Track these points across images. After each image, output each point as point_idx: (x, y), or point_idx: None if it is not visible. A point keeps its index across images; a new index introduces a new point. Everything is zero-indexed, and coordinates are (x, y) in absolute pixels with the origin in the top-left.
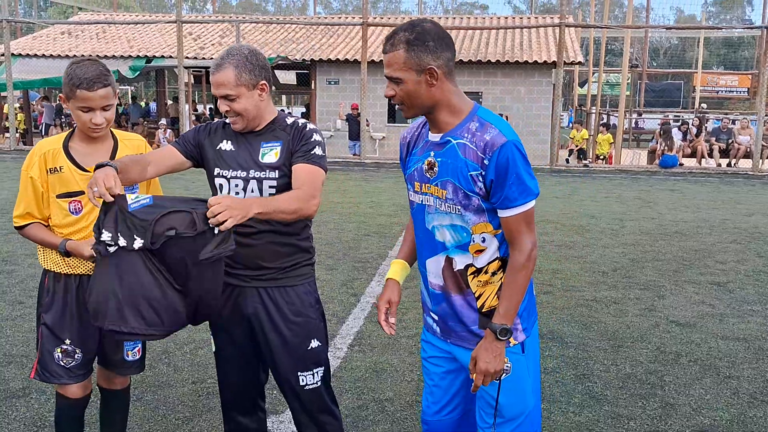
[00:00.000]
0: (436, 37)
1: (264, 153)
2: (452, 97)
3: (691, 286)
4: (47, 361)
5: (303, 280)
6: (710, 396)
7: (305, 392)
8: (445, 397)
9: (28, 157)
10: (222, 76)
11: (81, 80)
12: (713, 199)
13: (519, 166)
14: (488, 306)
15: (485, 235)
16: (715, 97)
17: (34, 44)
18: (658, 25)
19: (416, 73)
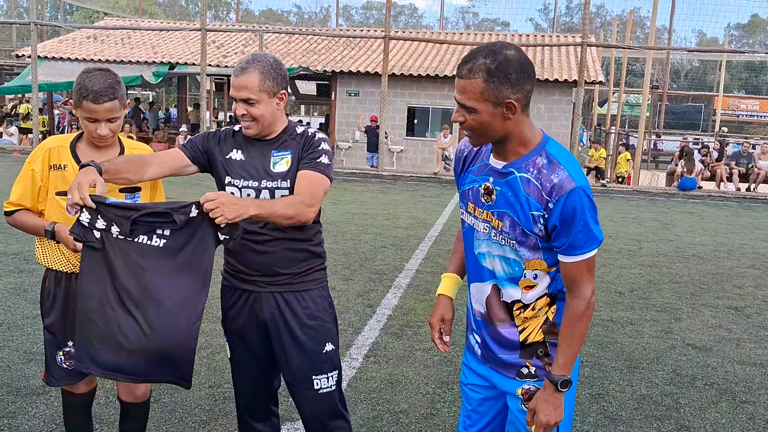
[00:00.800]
0: (519, 68)
1: (275, 162)
2: (524, 129)
3: (708, 309)
4: (51, 366)
5: (317, 284)
6: (726, 420)
7: (319, 396)
8: (481, 421)
9: (33, 151)
10: (246, 80)
11: (88, 92)
12: (732, 224)
13: (587, 213)
14: (531, 340)
15: (537, 272)
16: (736, 121)
17: (60, 47)
18: (681, 47)
19: (493, 105)
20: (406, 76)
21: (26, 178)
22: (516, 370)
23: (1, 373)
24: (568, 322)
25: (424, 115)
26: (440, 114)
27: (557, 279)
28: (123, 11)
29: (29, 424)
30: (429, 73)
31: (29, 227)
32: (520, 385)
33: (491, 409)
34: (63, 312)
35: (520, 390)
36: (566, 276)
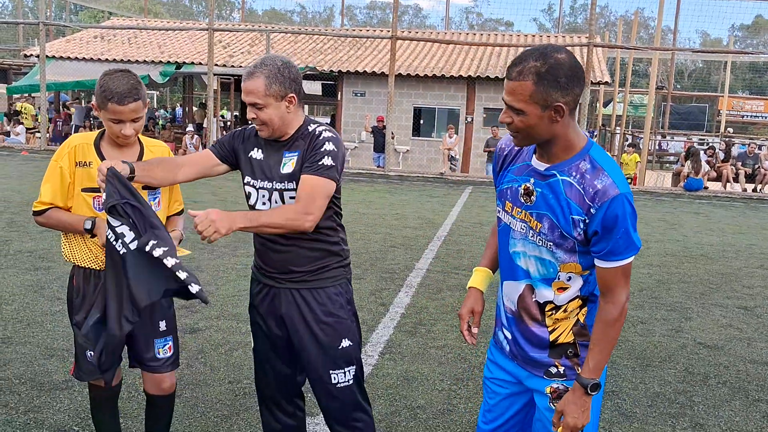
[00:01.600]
0: (570, 72)
1: (285, 163)
2: (569, 132)
3: (718, 309)
4: (81, 362)
5: (334, 281)
6: (740, 418)
7: (337, 390)
8: (502, 417)
9: (59, 149)
10: (252, 85)
11: (113, 94)
12: (738, 224)
13: (628, 220)
14: (562, 340)
15: (572, 275)
16: (740, 122)
17: (67, 47)
18: (686, 48)
19: (541, 108)
20: (412, 77)
21: (55, 175)
22: (544, 369)
23: (24, 368)
24: (602, 326)
25: (430, 115)
26: (446, 114)
27: (590, 282)
28: (128, 11)
29: (54, 419)
30: (435, 73)
31: (65, 224)
32: (548, 384)
33: (513, 405)
34: (94, 308)
35: (548, 388)
36: (602, 281)
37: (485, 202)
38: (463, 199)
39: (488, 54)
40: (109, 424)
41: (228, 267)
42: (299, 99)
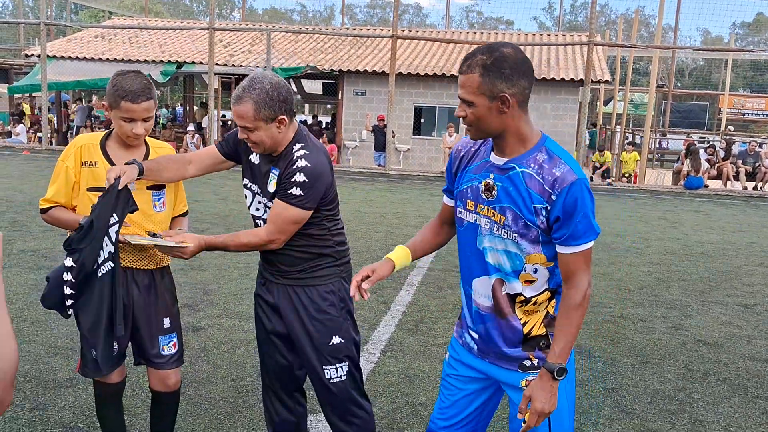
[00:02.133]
0: (514, 65)
1: (270, 180)
2: (522, 125)
3: (718, 306)
4: (87, 359)
5: (325, 280)
6: (739, 415)
7: (331, 385)
8: (462, 413)
9: (66, 149)
10: (242, 109)
11: (126, 92)
12: (739, 222)
13: (587, 205)
14: (534, 333)
15: (537, 267)
16: (741, 120)
17: (68, 47)
18: (687, 46)
19: (489, 99)
20: (412, 75)
21: (60, 175)
22: (518, 363)
23: (29, 366)
24: (565, 311)
25: (431, 114)
26: (447, 113)
27: (556, 274)
28: (128, 10)
29: (60, 416)
30: (436, 72)
31: (64, 222)
32: (523, 377)
33: (474, 401)
34: None
35: (523, 382)
36: (564, 267)
37: None
38: None
39: None
40: (114, 420)
41: (230, 266)
42: (291, 118)
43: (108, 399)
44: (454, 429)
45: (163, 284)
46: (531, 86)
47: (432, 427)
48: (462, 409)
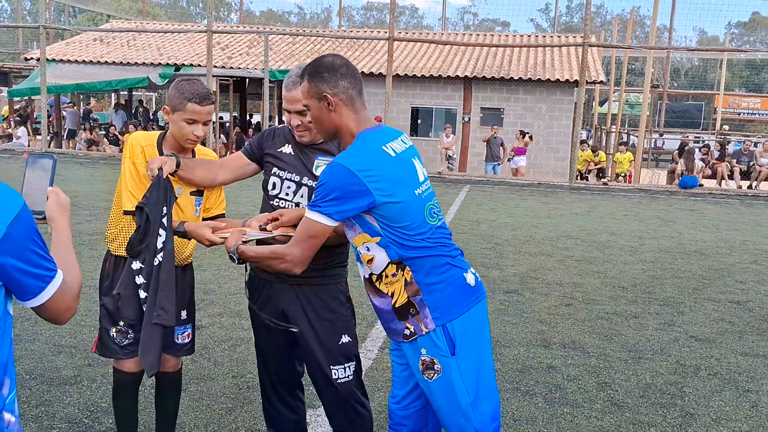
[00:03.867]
0: (331, 68)
1: (318, 165)
2: (350, 123)
3: (711, 303)
4: (105, 339)
5: (333, 280)
6: (729, 408)
7: (338, 385)
8: (405, 388)
9: (129, 148)
10: (297, 93)
11: (193, 95)
12: (733, 221)
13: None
14: (400, 302)
15: (368, 245)
16: (737, 119)
17: (66, 50)
18: (681, 47)
19: (317, 100)
20: (409, 77)
21: (133, 174)
22: (402, 335)
23: (34, 364)
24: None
25: (428, 115)
26: (443, 114)
27: (390, 247)
28: (126, 13)
29: (65, 412)
30: (432, 73)
31: None
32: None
33: (412, 377)
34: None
35: (420, 361)
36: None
37: (483, 200)
38: (461, 197)
39: (484, 54)
40: (128, 410)
41: (230, 265)
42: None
43: (126, 388)
44: (403, 405)
45: (185, 279)
46: (355, 86)
47: (389, 405)
48: (404, 384)
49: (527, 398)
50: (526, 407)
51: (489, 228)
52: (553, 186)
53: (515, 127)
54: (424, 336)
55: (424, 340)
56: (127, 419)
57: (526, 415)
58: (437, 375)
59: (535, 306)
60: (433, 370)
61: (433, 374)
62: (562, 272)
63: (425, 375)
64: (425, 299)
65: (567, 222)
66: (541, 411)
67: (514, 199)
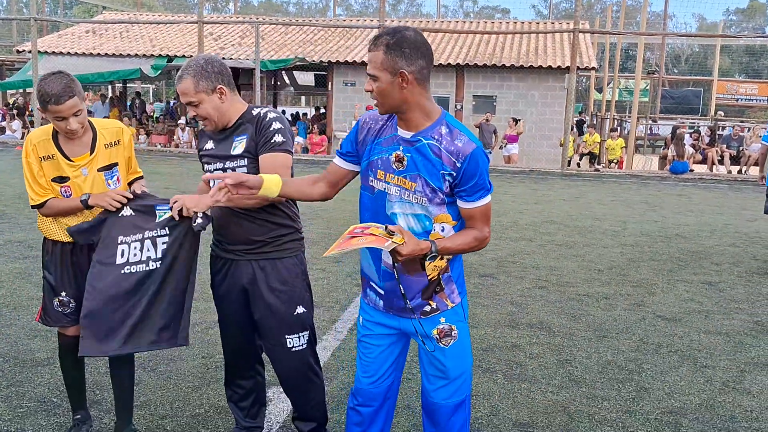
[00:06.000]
0: (413, 45)
1: (235, 146)
2: (423, 101)
3: (683, 284)
4: (48, 309)
5: (291, 253)
6: (684, 382)
7: (292, 353)
8: (383, 367)
9: (24, 147)
10: (183, 87)
11: (50, 96)
12: (719, 205)
13: (485, 168)
14: (432, 280)
15: (444, 225)
16: (735, 105)
17: (59, 42)
18: (673, 33)
19: (390, 74)
20: None
21: (32, 171)
22: (420, 311)
23: (8, 347)
24: (465, 232)
25: None
26: (436, 102)
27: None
28: (122, 4)
29: (35, 392)
30: None
31: (65, 209)
32: (433, 326)
33: (392, 354)
34: (59, 267)
35: (435, 330)
36: (469, 221)
37: None
38: None
39: (477, 42)
40: (74, 370)
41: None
42: (230, 89)
43: (70, 349)
44: (378, 383)
45: None
46: (429, 66)
47: (358, 386)
48: (382, 364)
49: (487, 375)
50: (484, 383)
51: None
52: (545, 173)
53: (508, 115)
54: (448, 311)
55: (446, 315)
56: (74, 377)
57: (484, 390)
58: (454, 341)
59: (509, 289)
60: (450, 337)
61: (450, 340)
62: (541, 256)
63: (442, 342)
64: (452, 275)
65: (553, 208)
66: (499, 386)
67: (504, 186)
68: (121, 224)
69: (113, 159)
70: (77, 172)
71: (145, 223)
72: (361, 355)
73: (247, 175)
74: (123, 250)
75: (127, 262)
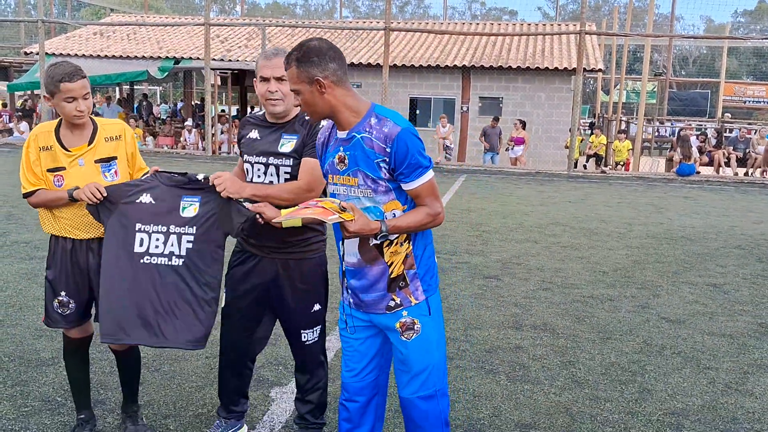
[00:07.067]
0: (319, 52)
1: (283, 144)
2: (347, 100)
3: (688, 286)
4: (49, 310)
5: (314, 254)
6: (687, 384)
7: (306, 346)
8: (363, 361)
9: (27, 139)
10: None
11: (63, 75)
12: (725, 207)
13: (416, 146)
14: (395, 274)
15: (396, 212)
16: (743, 108)
17: (67, 44)
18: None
19: (308, 84)
20: (407, 67)
21: (28, 162)
22: (385, 305)
23: (14, 347)
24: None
25: (426, 105)
26: (441, 104)
27: None
28: (130, 6)
29: (40, 391)
30: (430, 63)
31: (51, 200)
32: (396, 320)
33: (371, 348)
34: (59, 264)
35: (398, 324)
36: (417, 200)
37: (476, 189)
38: (455, 187)
39: (483, 44)
40: (79, 371)
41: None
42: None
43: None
44: (360, 377)
45: None
46: (342, 67)
47: (343, 380)
48: (362, 358)
49: (490, 376)
50: (487, 384)
51: (478, 216)
52: (551, 175)
53: (514, 116)
54: (411, 307)
55: (409, 309)
56: (79, 377)
57: (487, 391)
58: (416, 334)
59: (513, 290)
60: (412, 330)
61: (412, 334)
62: (546, 258)
63: (404, 336)
64: (418, 272)
65: (559, 210)
66: (502, 388)
67: (510, 188)
68: (139, 210)
69: (112, 153)
70: (74, 162)
71: (169, 215)
72: (344, 352)
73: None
74: (142, 239)
75: (147, 252)
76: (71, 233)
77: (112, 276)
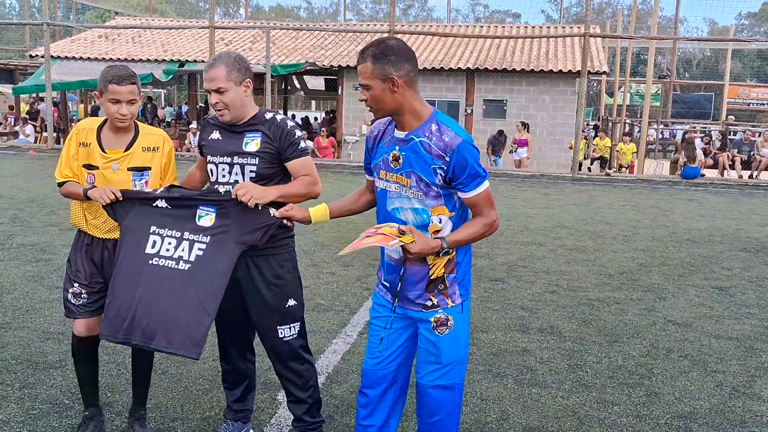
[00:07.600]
0: (398, 52)
1: (247, 142)
2: (414, 103)
3: (694, 289)
4: (65, 299)
5: (283, 249)
6: (694, 387)
7: (283, 343)
8: (387, 350)
9: (72, 130)
10: (214, 72)
11: (113, 77)
12: (730, 210)
13: (474, 158)
14: (436, 275)
15: (441, 217)
16: (747, 110)
17: (72, 47)
18: (685, 37)
19: (381, 81)
20: None
21: (68, 152)
22: (422, 305)
23: (21, 350)
24: (474, 222)
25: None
26: (446, 106)
27: (457, 224)
28: (134, 10)
29: (47, 394)
30: (434, 65)
31: (74, 194)
32: (432, 315)
33: (400, 337)
34: (77, 255)
35: (432, 318)
36: (473, 209)
37: None
38: None
39: (487, 46)
40: (87, 369)
41: None
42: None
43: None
44: (382, 365)
45: None
46: (415, 69)
47: (364, 367)
48: (388, 346)
49: (497, 379)
50: (495, 388)
51: None
52: (555, 177)
53: (518, 119)
54: (448, 308)
55: (446, 310)
56: (86, 375)
57: (494, 395)
58: (449, 330)
59: (519, 293)
60: (446, 326)
61: (446, 329)
62: (551, 261)
63: (437, 330)
64: (457, 277)
65: (564, 212)
66: (510, 391)
67: (514, 191)
68: (153, 214)
69: (147, 163)
70: (107, 164)
71: (184, 221)
72: (370, 337)
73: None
74: (155, 241)
75: (157, 254)
76: (92, 230)
77: (122, 275)
